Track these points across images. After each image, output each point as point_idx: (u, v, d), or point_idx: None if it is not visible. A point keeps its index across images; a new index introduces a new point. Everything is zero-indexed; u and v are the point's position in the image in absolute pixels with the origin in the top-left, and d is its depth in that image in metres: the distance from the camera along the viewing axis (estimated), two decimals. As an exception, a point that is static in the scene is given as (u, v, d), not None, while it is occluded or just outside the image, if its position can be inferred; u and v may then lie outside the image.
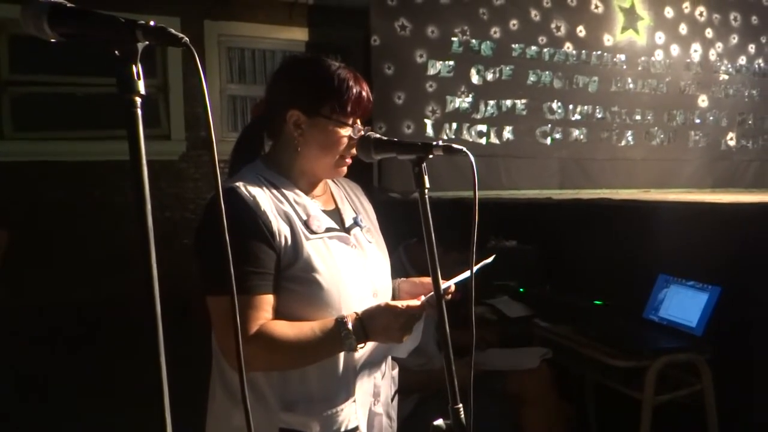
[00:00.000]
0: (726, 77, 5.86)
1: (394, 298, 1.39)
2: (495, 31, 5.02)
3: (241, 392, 0.79)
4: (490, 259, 1.34)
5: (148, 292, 0.71)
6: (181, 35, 0.71)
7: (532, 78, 5.16)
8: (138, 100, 0.72)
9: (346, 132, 1.28)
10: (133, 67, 0.72)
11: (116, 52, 0.72)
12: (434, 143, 1.17)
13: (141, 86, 0.72)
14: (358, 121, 1.30)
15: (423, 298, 1.26)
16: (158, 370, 0.71)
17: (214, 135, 0.76)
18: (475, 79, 4.96)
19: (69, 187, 4.84)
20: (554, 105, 5.24)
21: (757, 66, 5.96)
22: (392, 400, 1.44)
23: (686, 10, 5.69)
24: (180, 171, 5.25)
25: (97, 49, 0.72)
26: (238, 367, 0.78)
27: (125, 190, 4.73)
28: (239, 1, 5.32)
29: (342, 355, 1.25)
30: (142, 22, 0.71)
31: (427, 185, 1.18)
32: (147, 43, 0.72)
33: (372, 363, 1.32)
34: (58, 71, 4.79)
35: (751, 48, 5.94)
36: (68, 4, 0.73)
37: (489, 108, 5.02)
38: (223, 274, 0.76)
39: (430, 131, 4.80)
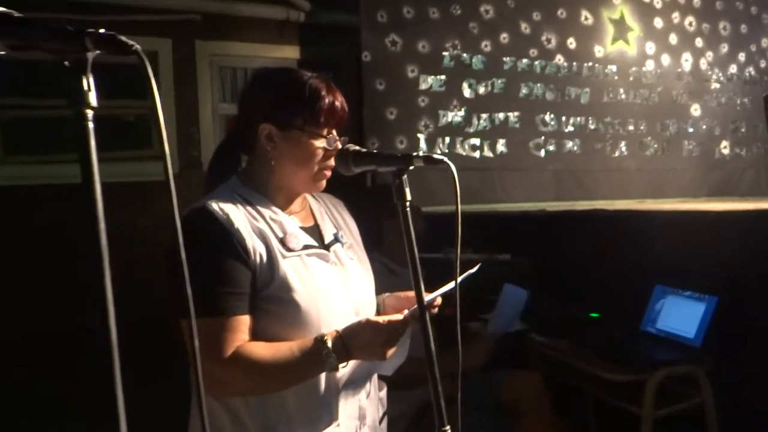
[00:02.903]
0: (717, 86, 5.86)
1: (378, 314, 1.35)
2: (486, 45, 5.03)
3: (198, 402, 0.76)
4: (475, 269, 1.29)
5: (101, 310, 0.68)
6: (131, 43, 0.68)
7: (524, 90, 5.16)
8: (89, 112, 0.69)
9: (320, 143, 1.24)
10: (83, 78, 0.69)
11: (66, 62, 0.69)
12: (414, 154, 1.15)
13: (92, 98, 0.69)
14: (334, 132, 1.26)
15: (407, 311, 1.21)
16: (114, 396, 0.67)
17: (168, 150, 0.73)
18: (467, 92, 4.95)
19: (61, 209, 4.79)
20: (547, 117, 5.22)
21: (747, 74, 5.96)
22: (380, 422, 1.39)
23: (675, 20, 5.71)
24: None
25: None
26: (195, 378, 0.76)
27: (112, 211, 4.69)
28: (230, 21, 5.32)
29: (323, 375, 1.20)
30: (92, 30, 0.68)
31: (409, 197, 1.15)
32: (98, 52, 0.69)
33: (355, 383, 1.27)
34: (46, 94, 4.77)
35: (741, 56, 5.95)
36: (15, 14, 0.70)
37: (482, 121, 5.01)
38: (197, 296, 0.74)
39: (423, 146, 4.78)
